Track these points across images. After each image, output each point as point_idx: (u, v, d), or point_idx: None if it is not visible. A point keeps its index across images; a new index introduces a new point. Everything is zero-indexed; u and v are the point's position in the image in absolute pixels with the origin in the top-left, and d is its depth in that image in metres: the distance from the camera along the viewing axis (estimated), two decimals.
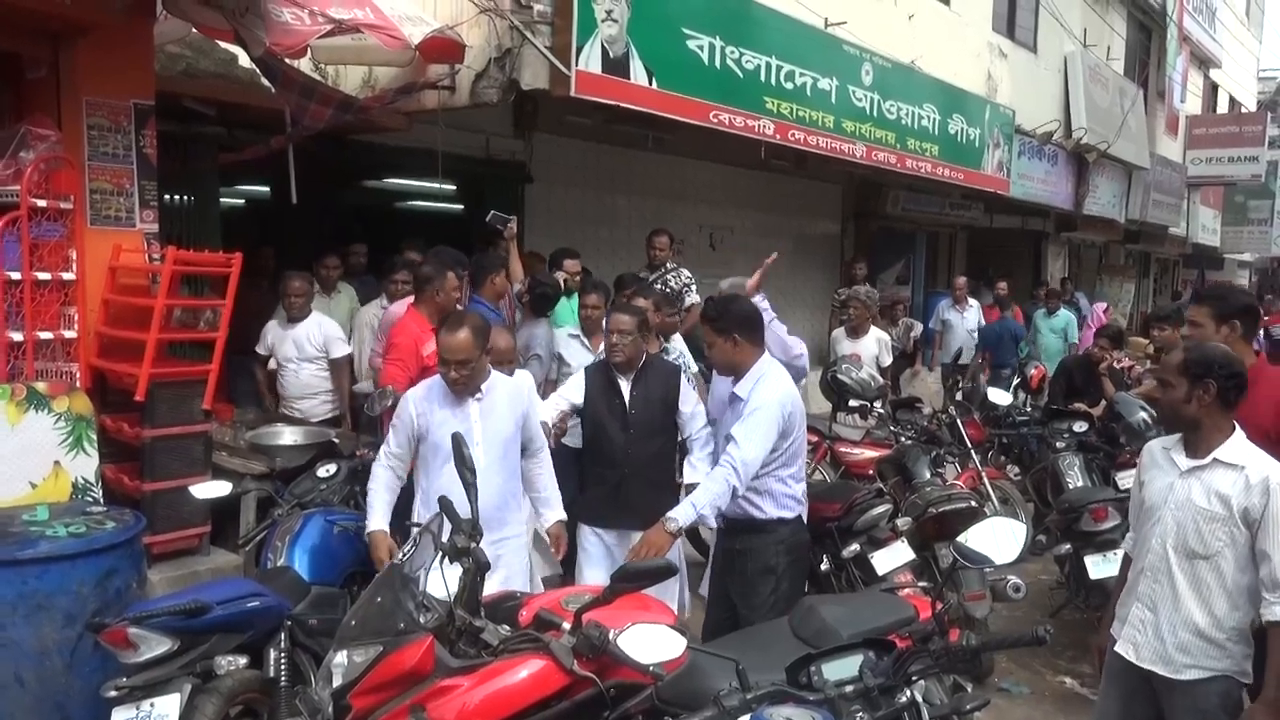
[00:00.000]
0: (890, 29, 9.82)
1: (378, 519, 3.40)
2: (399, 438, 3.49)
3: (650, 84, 6.38)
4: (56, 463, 4.07)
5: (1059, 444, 5.93)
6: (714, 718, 2.05)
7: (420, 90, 5.95)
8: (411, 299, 4.93)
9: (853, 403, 6.01)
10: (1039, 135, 12.65)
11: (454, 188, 8.44)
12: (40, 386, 4.10)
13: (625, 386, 4.10)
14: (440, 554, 2.52)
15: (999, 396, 6.83)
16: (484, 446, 3.40)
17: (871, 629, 2.54)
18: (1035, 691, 4.56)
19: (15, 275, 4.14)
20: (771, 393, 3.35)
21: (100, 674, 3.03)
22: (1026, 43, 13.29)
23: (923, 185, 11.39)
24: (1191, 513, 2.66)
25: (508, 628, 2.49)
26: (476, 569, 2.48)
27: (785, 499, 3.44)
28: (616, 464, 4.07)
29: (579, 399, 4.17)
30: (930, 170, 9.82)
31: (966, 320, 10.07)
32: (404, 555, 2.46)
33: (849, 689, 2.16)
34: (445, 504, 2.66)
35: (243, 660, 3.00)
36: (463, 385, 3.39)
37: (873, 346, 7.07)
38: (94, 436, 4.22)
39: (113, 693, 2.73)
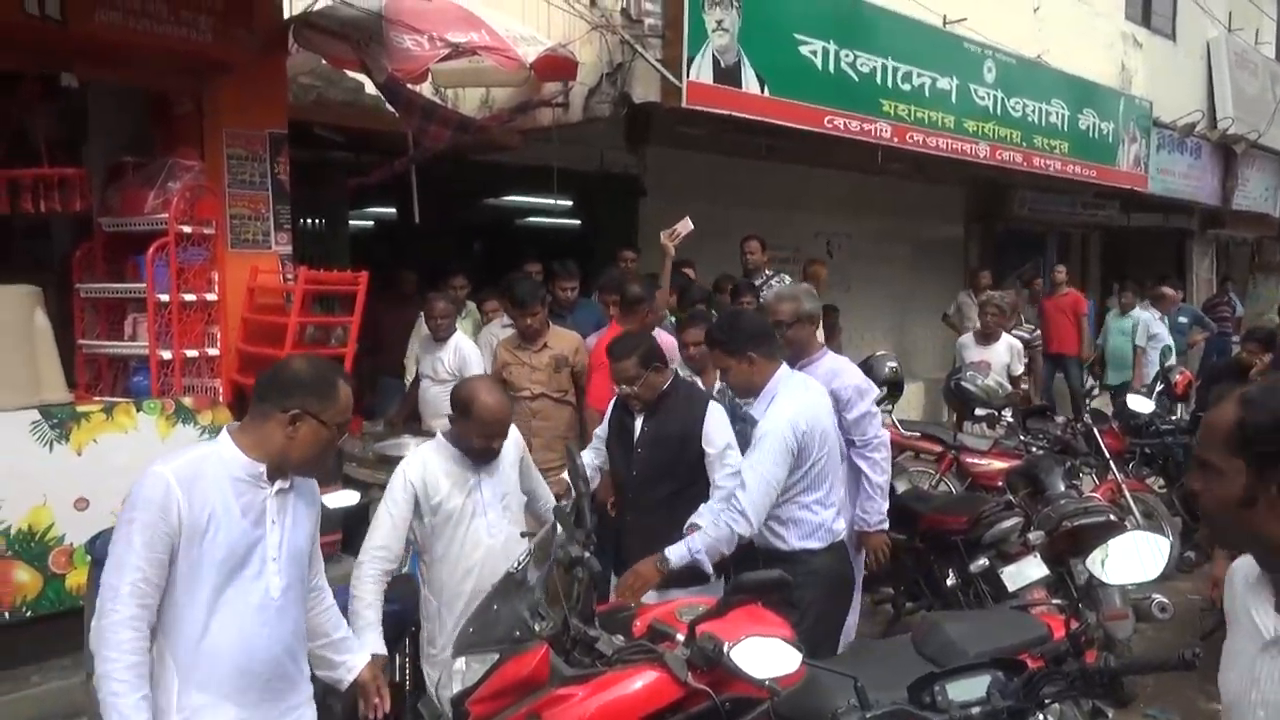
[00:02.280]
0: (1014, 23, 9.45)
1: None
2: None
3: (763, 92, 6.34)
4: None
5: None
6: None
7: (535, 108, 6.08)
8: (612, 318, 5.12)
9: (979, 411, 5.78)
10: (1180, 127, 11.92)
11: (570, 203, 8.58)
12: (187, 401, 4.37)
13: (638, 420, 3.57)
14: (553, 562, 2.53)
15: (1141, 404, 6.45)
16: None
17: (1000, 648, 2.42)
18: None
19: (164, 297, 4.44)
20: (780, 415, 3.11)
21: None
22: (1164, 30, 12.56)
23: (1052, 184, 10.90)
24: None
25: (621, 638, 2.49)
26: (591, 578, 2.49)
27: (812, 527, 3.19)
28: (622, 509, 3.66)
29: (603, 431, 3.82)
30: (1059, 168, 9.39)
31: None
32: (519, 564, 2.49)
33: (975, 711, 2.06)
34: (560, 513, 2.69)
35: None
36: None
37: (1004, 354, 6.77)
38: None
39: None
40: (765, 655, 2.17)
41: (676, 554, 3.02)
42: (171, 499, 2.04)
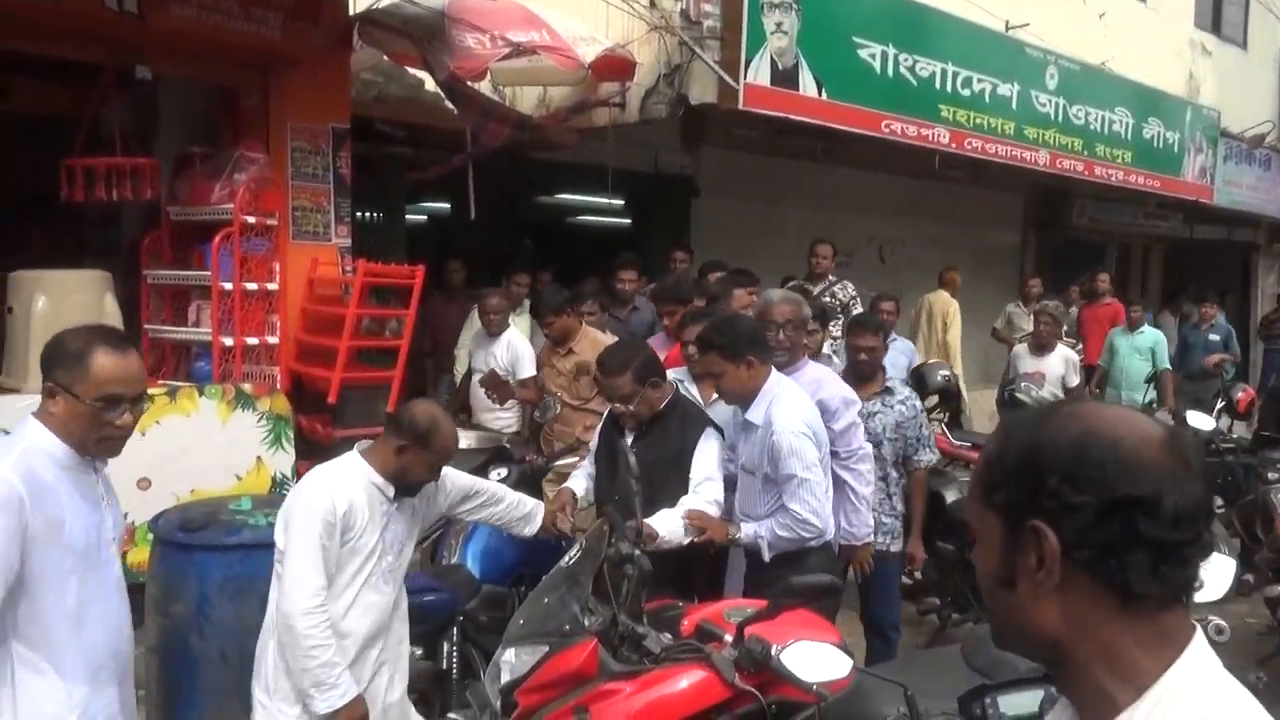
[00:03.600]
0: (1079, 29, 9.28)
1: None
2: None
3: (820, 95, 6.31)
4: (259, 458, 4.43)
5: (1270, 475, 5.40)
6: None
7: (592, 108, 6.11)
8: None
9: None
10: (1249, 138, 11.61)
11: (622, 203, 8.62)
12: (246, 388, 4.47)
13: (629, 439, 3.30)
14: (603, 559, 2.55)
15: (1200, 421, 6.29)
16: None
17: None
18: None
19: (227, 286, 4.54)
20: (793, 419, 3.08)
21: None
22: (1235, 38, 12.25)
23: (1113, 194, 10.68)
24: None
25: (669, 636, 2.50)
26: (640, 576, 2.50)
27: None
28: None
29: (594, 446, 3.57)
30: (1122, 178, 9.21)
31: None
32: (569, 559, 2.51)
33: None
34: (609, 512, 2.71)
35: (418, 651, 3.15)
36: None
37: (1059, 365, 6.63)
38: (291, 435, 4.56)
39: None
40: (815, 659, 2.17)
41: (747, 530, 3.11)
42: (15, 498, 1.93)
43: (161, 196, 4.81)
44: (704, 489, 3.15)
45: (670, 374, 4.14)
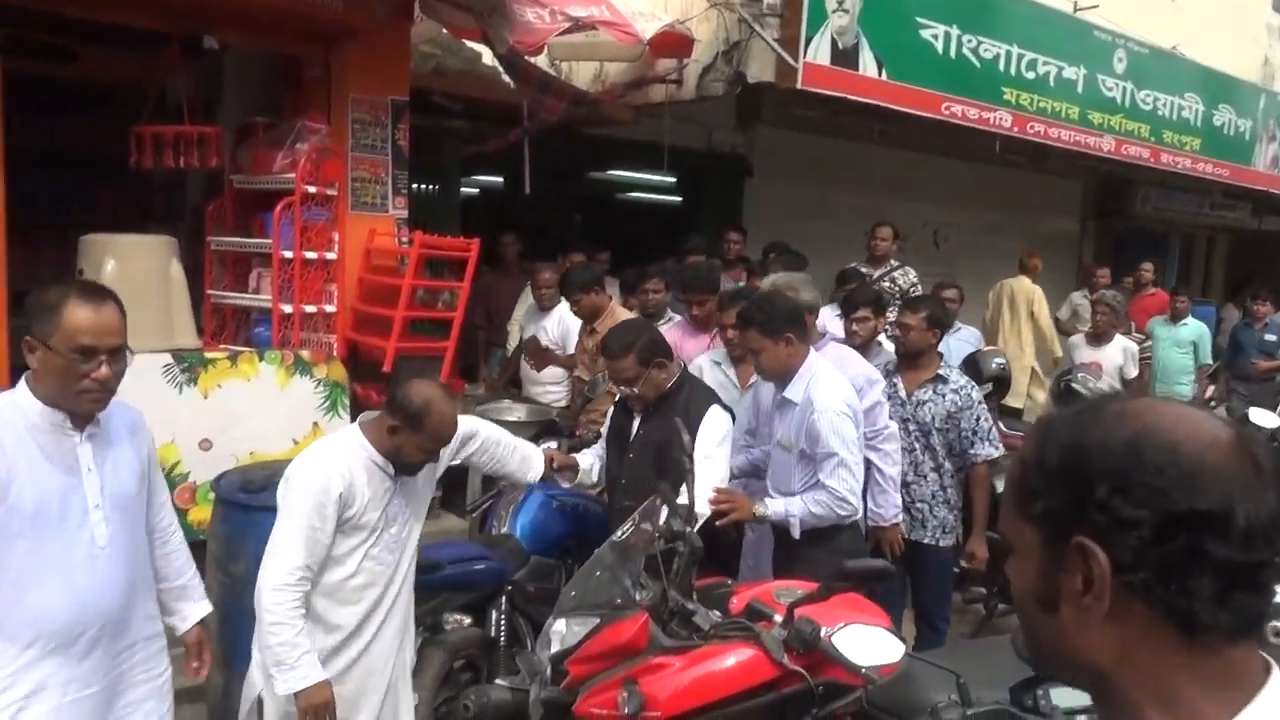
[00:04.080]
0: (1150, 12, 9.00)
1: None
2: None
3: (880, 75, 6.21)
4: (315, 423, 4.52)
5: None
6: None
7: (649, 84, 6.09)
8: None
9: None
10: None
11: (675, 180, 8.59)
12: (304, 354, 4.56)
13: (635, 421, 3.31)
14: (657, 536, 2.57)
15: (1264, 418, 6.13)
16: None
17: None
18: None
19: (288, 254, 4.62)
20: (835, 397, 3.11)
21: None
22: None
23: (1179, 182, 10.39)
24: None
25: (718, 614, 2.52)
26: (691, 553, 2.52)
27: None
28: (615, 518, 3.24)
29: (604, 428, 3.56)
30: (1189, 166, 8.94)
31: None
32: (622, 534, 2.54)
33: (1080, 718, 2.02)
34: (663, 489, 2.72)
35: (467, 619, 3.21)
36: None
37: (1117, 356, 6.50)
38: (346, 402, 4.64)
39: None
40: (868, 643, 2.17)
41: (774, 508, 3.10)
42: None
43: (225, 165, 4.90)
44: (703, 469, 3.00)
45: (705, 358, 4.18)
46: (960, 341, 5.73)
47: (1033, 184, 10.46)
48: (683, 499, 2.68)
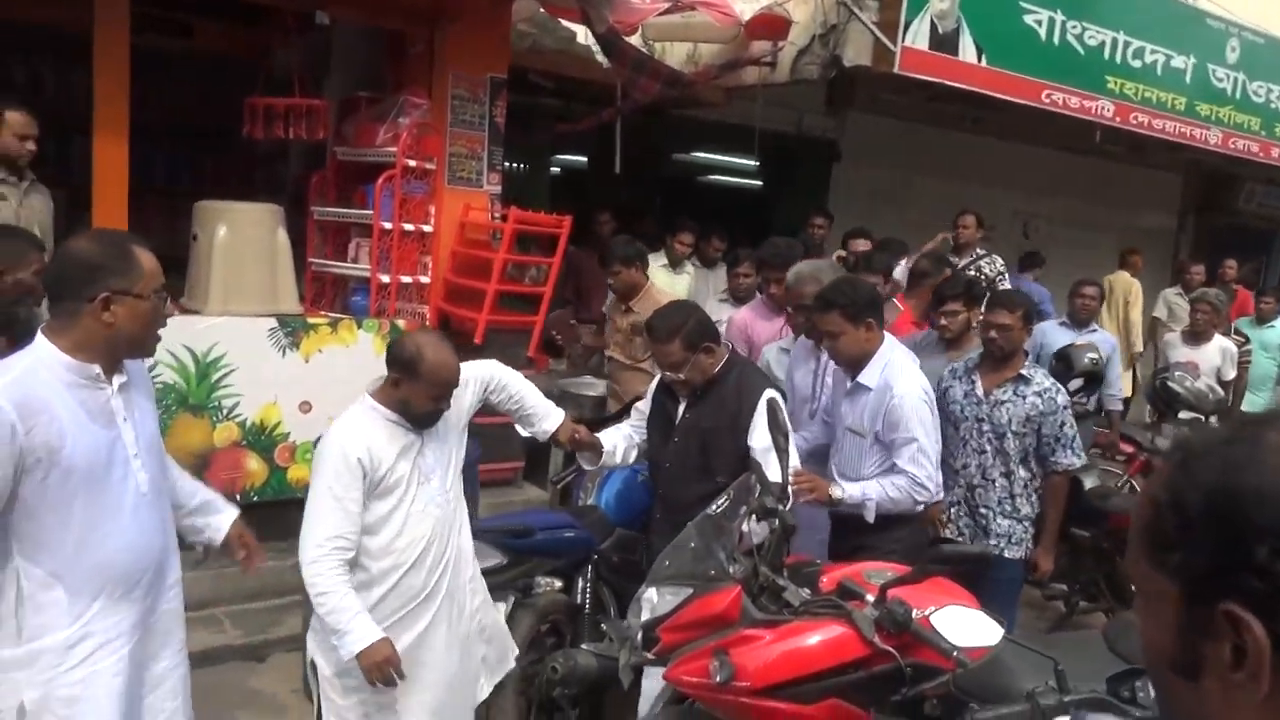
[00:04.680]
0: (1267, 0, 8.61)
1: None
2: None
3: (979, 61, 6.08)
4: None
5: None
6: (1026, 713, 1.98)
7: (743, 66, 6.08)
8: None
9: (1184, 415, 5.43)
10: None
11: (757, 164, 8.55)
12: (400, 323, 4.70)
13: (681, 405, 3.16)
14: (748, 512, 2.61)
15: None
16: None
17: None
18: None
19: (387, 225, 4.77)
20: (914, 383, 3.12)
21: None
22: None
23: None
24: None
25: (807, 591, 2.55)
26: (783, 531, 2.55)
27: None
28: (658, 505, 3.27)
29: (646, 407, 3.38)
30: None
31: None
32: (717, 507, 2.58)
33: None
34: (756, 466, 2.76)
35: (557, 584, 3.30)
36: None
37: (1215, 356, 6.29)
38: None
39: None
40: (967, 625, 2.18)
41: (851, 491, 3.10)
42: (5, 424, 1.90)
43: (329, 137, 5.07)
44: (769, 459, 2.81)
45: (773, 349, 4.07)
46: (1103, 341, 5.57)
47: (1129, 176, 10.13)
48: (775, 477, 2.71)
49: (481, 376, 2.89)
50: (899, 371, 3.15)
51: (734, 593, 2.39)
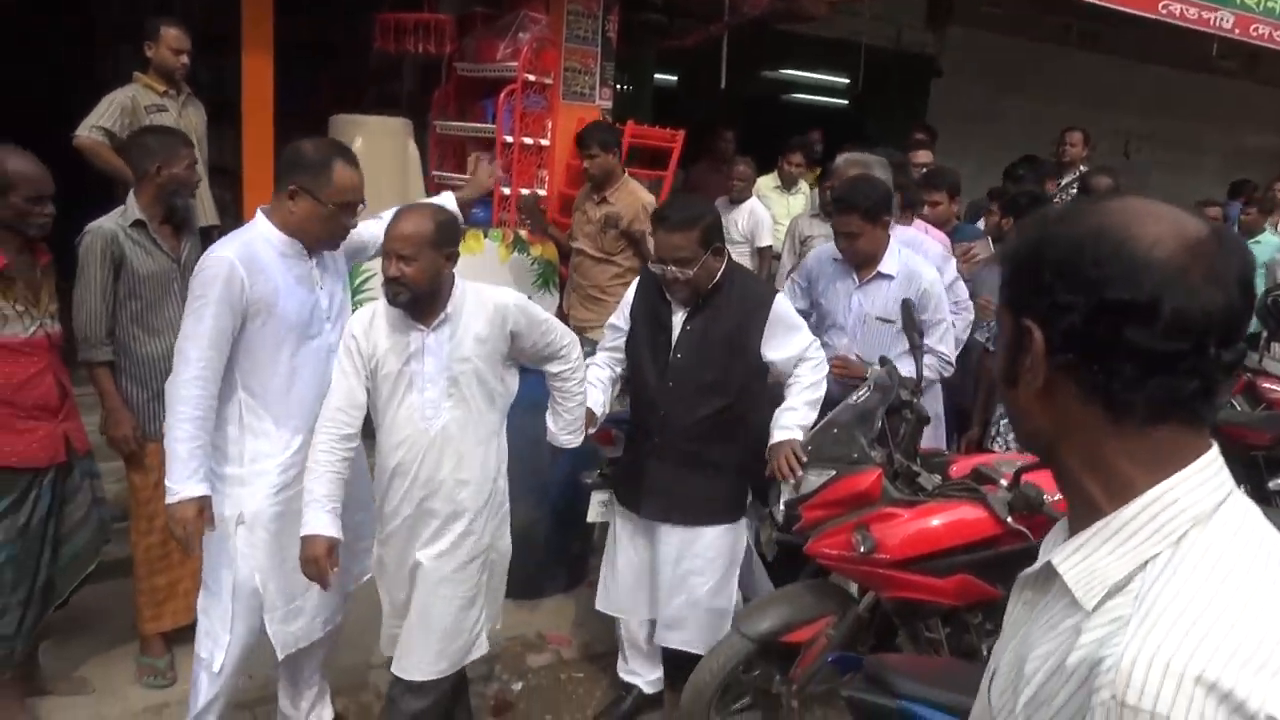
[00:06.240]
0: None
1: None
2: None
3: None
4: (529, 297, 4.86)
5: None
6: None
7: None
8: None
9: None
10: None
11: (847, 81, 8.46)
12: (522, 233, 4.92)
13: (678, 315, 2.85)
14: (884, 404, 2.79)
15: None
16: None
17: None
18: None
19: (508, 139, 4.95)
20: (932, 270, 3.30)
21: (569, 466, 3.71)
22: None
23: None
24: None
25: (939, 478, 2.74)
26: (918, 421, 2.73)
27: None
28: (650, 428, 2.91)
29: (623, 322, 3.02)
30: None
31: None
32: (858, 397, 2.77)
33: None
34: (886, 361, 2.93)
35: None
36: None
37: None
38: (556, 280, 5.01)
39: (588, 480, 3.36)
40: None
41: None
42: (236, 278, 2.32)
43: (451, 53, 5.22)
44: (811, 352, 2.82)
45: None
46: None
47: (1241, 94, 9.74)
48: (910, 371, 2.89)
49: (518, 314, 2.59)
50: (916, 260, 3.34)
51: (876, 474, 2.59)
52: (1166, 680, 0.72)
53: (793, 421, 2.76)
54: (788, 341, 2.79)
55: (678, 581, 2.93)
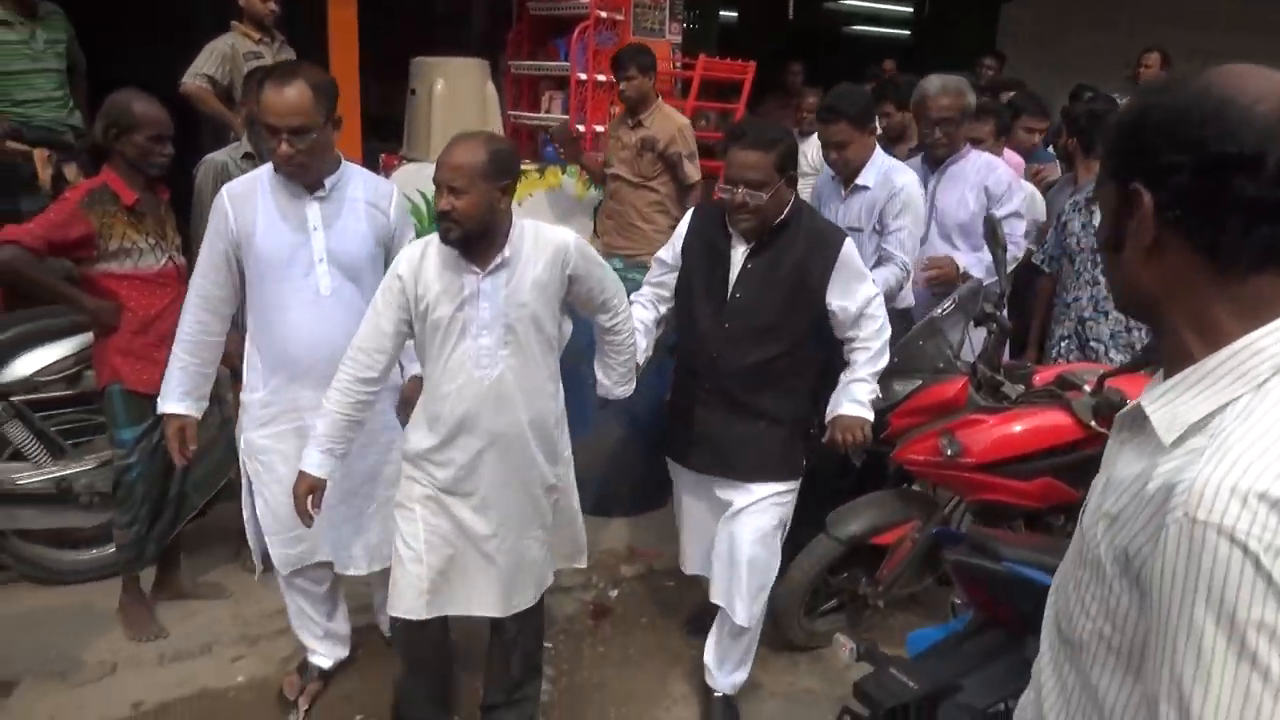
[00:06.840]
0: None
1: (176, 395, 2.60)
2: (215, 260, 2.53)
3: None
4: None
5: None
6: None
7: None
8: None
9: None
10: None
11: (911, 10, 8.35)
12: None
13: (738, 251, 2.60)
14: (969, 318, 2.89)
15: None
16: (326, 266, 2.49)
17: None
18: None
19: (582, 76, 5.05)
20: (911, 177, 3.23)
21: (658, 387, 3.85)
22: None
23: None
24: None
25: (1022, 387, 2.84)
26: (1002, 332, 2.83)
27: None
28: (699, 372, 2.68)
29: (672, 258, 2.75)
30: None
31: None
32: (943, 310, 2.87)
33: None
34: (972, 278, 3.02)
35: None
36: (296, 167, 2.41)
37: None
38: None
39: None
40: None
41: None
42: (221, 209, 2.44)
43: None
44: (873, 309, 2.58)
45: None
46: None
47: None
48: (994, 284, 2.98)
49: (576, 255, 2.39)
50: (897, 168, 3.27)
51: (962, 382, 2.71)
52: (1234, 498, 0.78)
53: (864, 395, 2.55)
54: (854, 289, 2.54)
55: (723, 540, 2.66)
